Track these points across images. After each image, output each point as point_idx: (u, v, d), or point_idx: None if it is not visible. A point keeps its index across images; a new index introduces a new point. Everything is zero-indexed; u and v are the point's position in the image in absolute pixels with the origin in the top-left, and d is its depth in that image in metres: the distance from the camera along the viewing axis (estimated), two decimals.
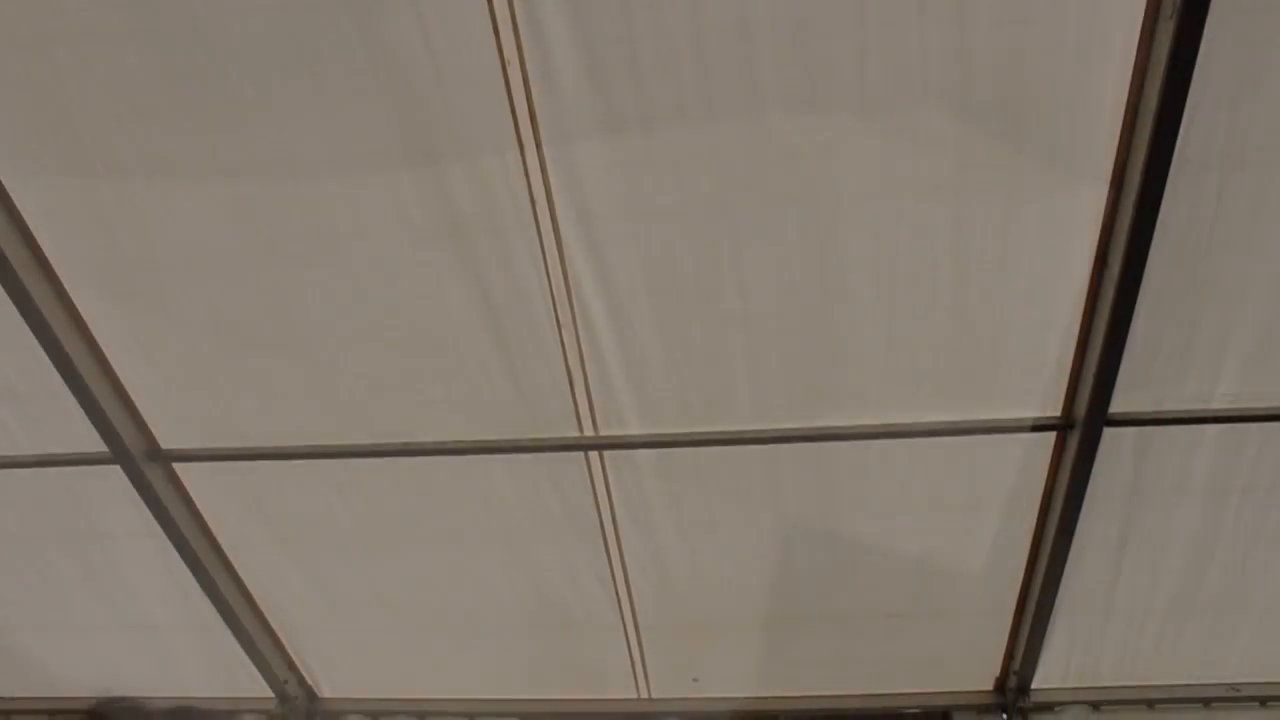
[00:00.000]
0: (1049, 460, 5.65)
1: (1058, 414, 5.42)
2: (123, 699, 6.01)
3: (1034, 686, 6.87)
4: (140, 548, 6.59)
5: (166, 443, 6.02)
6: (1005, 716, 7.00)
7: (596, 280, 5.07)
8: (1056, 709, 6.94)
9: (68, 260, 5.27)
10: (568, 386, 5.44)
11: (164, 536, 6.36)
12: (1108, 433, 5.38)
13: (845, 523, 6.08)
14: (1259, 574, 6.23)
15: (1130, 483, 5.78)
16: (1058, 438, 5.54)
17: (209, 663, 7.33)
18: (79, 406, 5.68)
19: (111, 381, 5.70)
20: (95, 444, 5.91)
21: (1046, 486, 5.77)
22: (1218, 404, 5.36)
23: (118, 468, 6.00)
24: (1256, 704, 6.76)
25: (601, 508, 6.02)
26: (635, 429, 5.59)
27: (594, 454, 5.76)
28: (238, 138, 4.75)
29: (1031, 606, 6.31)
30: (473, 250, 5.02)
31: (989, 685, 7.03)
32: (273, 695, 7.41)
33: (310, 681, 7.51)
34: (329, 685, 7.57)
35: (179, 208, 5.01)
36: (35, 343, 5.41)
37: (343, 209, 4.95)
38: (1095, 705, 6.92)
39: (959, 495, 5.87)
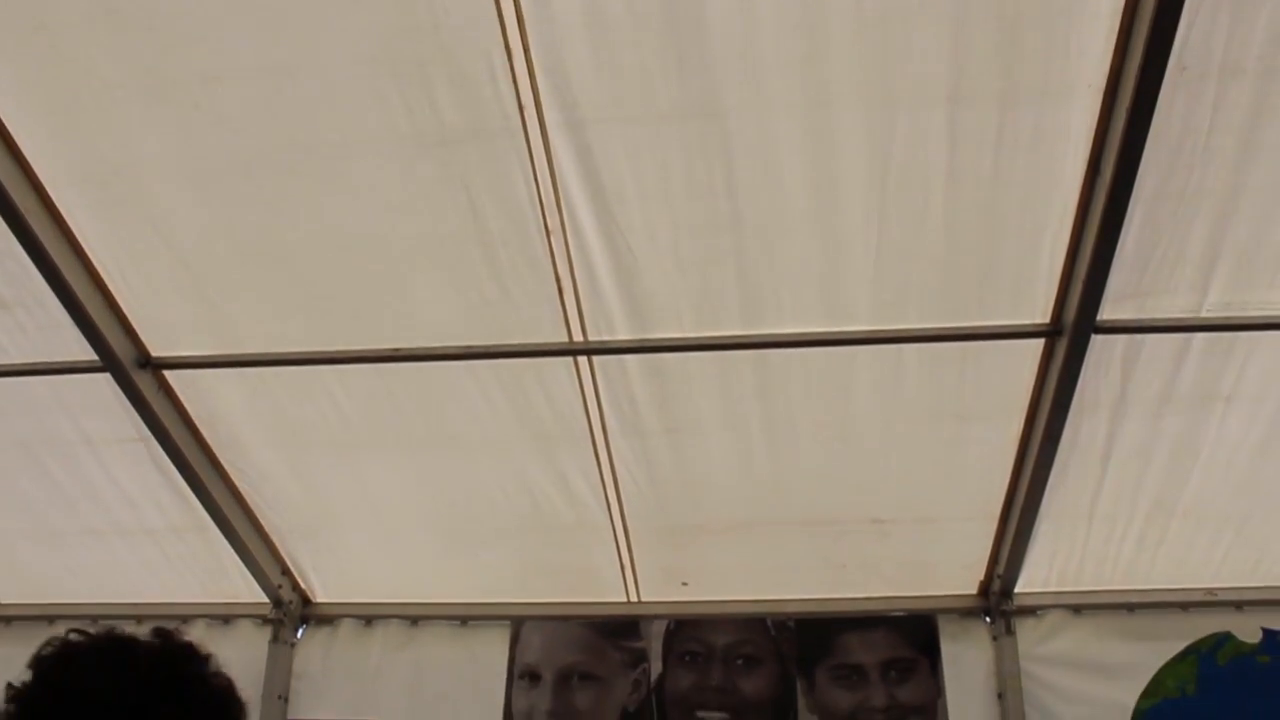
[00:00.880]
0: (1037, 367, 5.67)
1: (1047, 321, 5.42)
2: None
3: (1017, 591, 6.99)
4: (132, 454, 6.61)
5: (156, 350, 5.99)
6: (988, 620, 7.12)
7: (585, 186, 5.01)
8: (1039, 613, 7.06)
9: (52, 169, 5.18)
10: (556, 292, 5.42)
11: (155, 443, 6.36)
12: (1096, 340, 5.37)
13: (834, 429, 6.12)
14: (1240, 483, 6.30)
15: (1117, 391, 5.81)
16: (1045, 345, 5.54)
17: (203, 568, 7.40)
18: (67, 315, 5.63)
19: (100, 289, 5.65)
20: (84, 352, 5.87)
21: (1034, 393, 5.79)
22: (1207, 313, 5.36)
23: (107, 375, 5.97)
24: (1233, 608, 6.87)
25: (590, 413, 6.04)
26: (624, 334, 5.59)
27: (583, 359, 5.76)
28: (218, 45, 4.66)
29: (1016, 513, 6.38)
30: (460, 157, 4.95)
31: (973, 590, 7.14)
32: (267, 600, 7.48)
33: (304, 586, 7.59)
34: (323, 590, 7.66)
35: (160, 116, 4.93)
36: (21, 251, 5.33)
37: (327, 117, 4.89)
38: (1076, 609, 7.05)
39: (947, 402, 5.90)
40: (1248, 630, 6.75)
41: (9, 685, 1.64)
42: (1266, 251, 5.13)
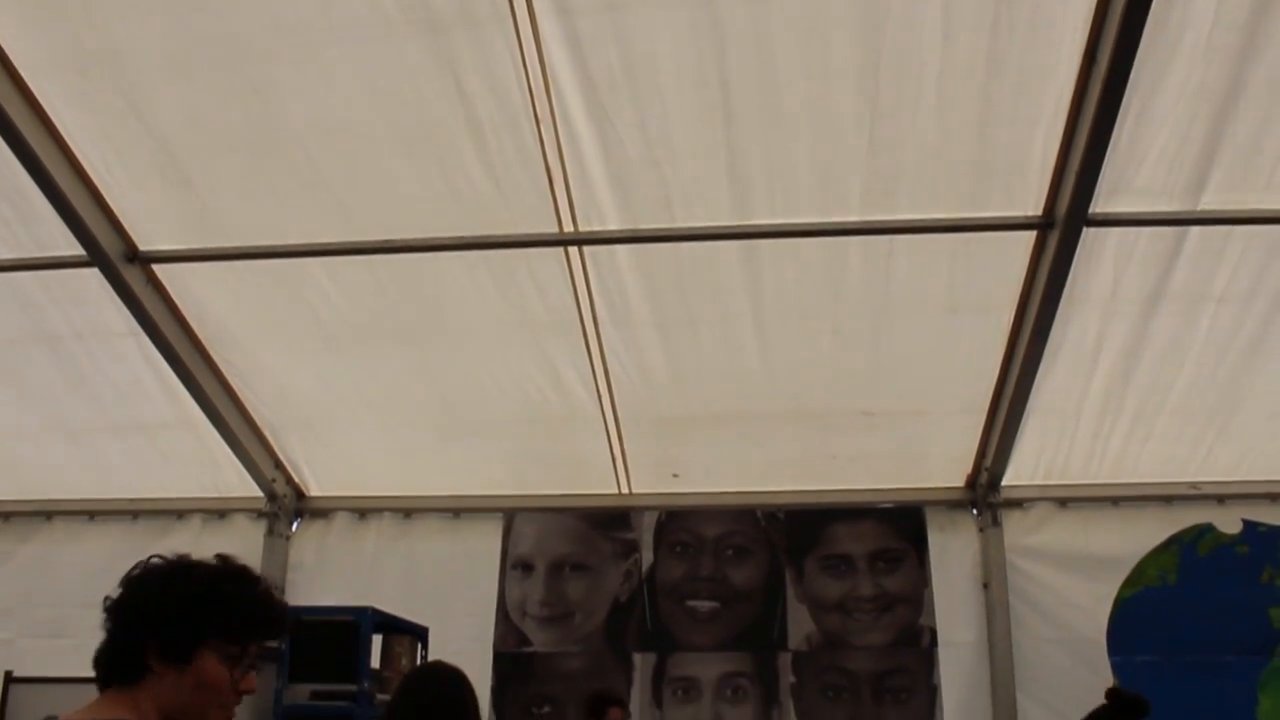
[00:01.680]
0: (1028, 260, 5.67)
1: (1039, 213, 5.40)
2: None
3: (1004, 484, 7.09)
4: (123, 350, 6.60)
5: (144, 244, 5.94)
6: (975, 512, 7.23)
7: (575, 74, 4.94)
8: (1025, 505, 7.18)
9: (31, 58, 5.06)
10: (546, 182, 5.38)
11: (146, 338, 6.35)
12: (1088, 233, 5.36)
13: (823, 320, 6.14)
14: (1228, 381, 6.36)
15: (1109, 287, 5.83)
16: (1037, 237, 5.53)
17: (197, 463, 7.45)
18: (52, 209, 5.55)
19: (85, 184, 5.58)
20: (71, 247, 5.81)
21: (1024, 286, 5.79)
22: (1203, 208, 5.34)
23: (95, 270, 5.93)
24: (1215, 501, 7.00)
25: (582, 304, 6.04)
26: (614, 224, 5.56)
27: (574, 250, 5.75)
28: None
29: (1004, 406, 6.43)
30: (449, 45, 4.87)
31: (960, 482, 7.24)
32: (261, 494, 7.54)
33: (298, 480, 7.66)
34: (316, 484, 7.73)
35: (139, 0, 4.82)
36: (4, 145, 5.24)
37: (313, 2, 4.78)
38: (1062, 502, 7.16)
39: (938, 294, 5.91)
40: (1228, 522, 6.87)
41: (106, 598, 2.02)
42: (1266, 151, 5.09)
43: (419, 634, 6.36)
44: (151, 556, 2.08)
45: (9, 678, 7.35)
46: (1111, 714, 3.19)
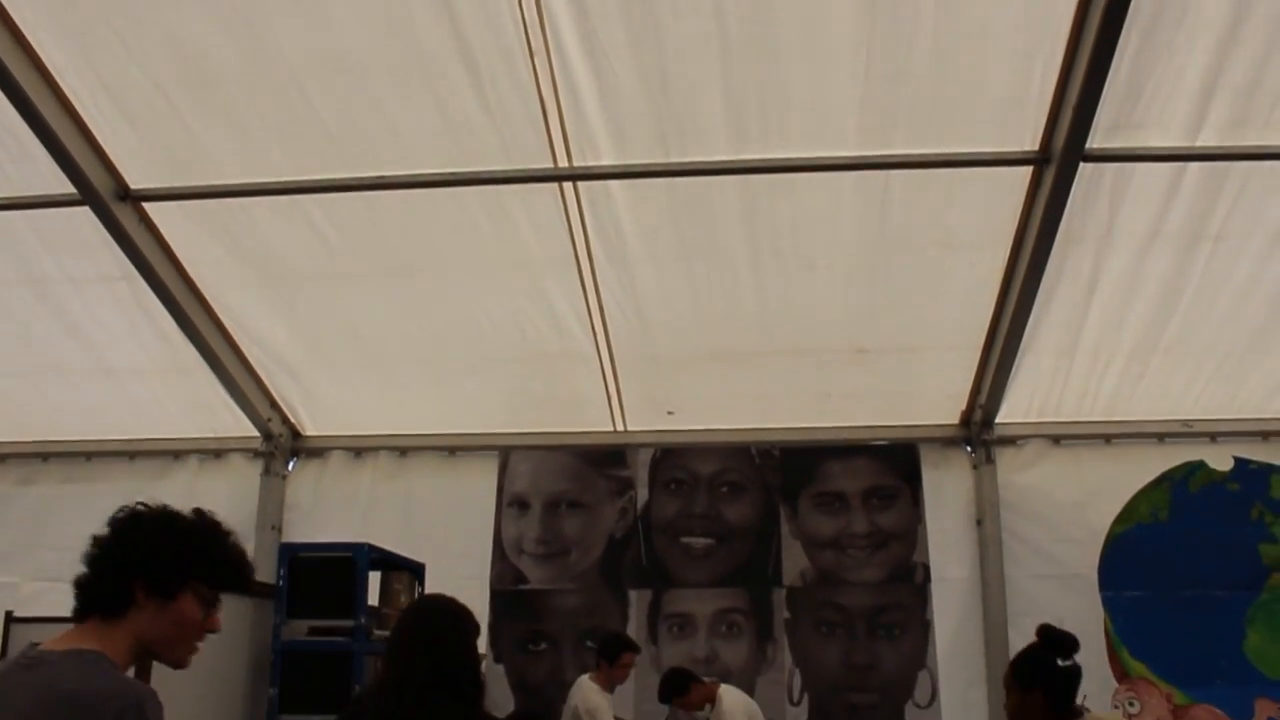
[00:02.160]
0: (1024, 196, 5.64)
1: (1035, 149, 5.37)
2: None
3: (998, 421, 7.13)
4: (116, 292, 6.57)
5: (135, 182, 5.89)
6: (969, 449, 7.27)
7: (569, 6, 4.88)
8: (1018, 442, 7.22)
9: None
10: (541, 117, 5.33)
11: (139, 278, 6.31)
12: (1085, 169, 5.34)
13: (819, 256, 6.12)
14: (1223, 320, 6.38)
15: (1105, 224, 5.82)
16: (1033, 172, 5.51)
17: (192, 404, 7.46)
18: (41, 146, 5.48)
19: (75, 121, 5.51)
20: (61, 185, 5.75)
21: (1020, 223, 5.78)
22: (1202, 144, 5.31)
23: (86, 209, 5.87)
24: (1207, 439, 7.05)
25: (576, 240, 6.01)
26: (609, 160, 5.52)
27: (568, 185, 5.71)
28: None
29: (999, 343, 6.44)
30: None
31: (955, 420, 7.28)
32: (257, 434, 7.55)
33: (294, 420, 7.67)
34: (312, 423, 7.74)
35: None
36: None
37: None
38: (1056, 439, 7.21)
39: (932, 230, 5.90)
40: (1220, 459, 6.89)
41: (94, 537, 2.23)
42: (1267, 88, 5.05)
43: (416, 570, 6.42)
44: (137, 503, 2.28)
45: (9, 618, 7.41)
46: (1041, 651, 3.21)
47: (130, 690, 2.11)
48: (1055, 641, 3.18)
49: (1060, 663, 3.15)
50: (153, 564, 2.20)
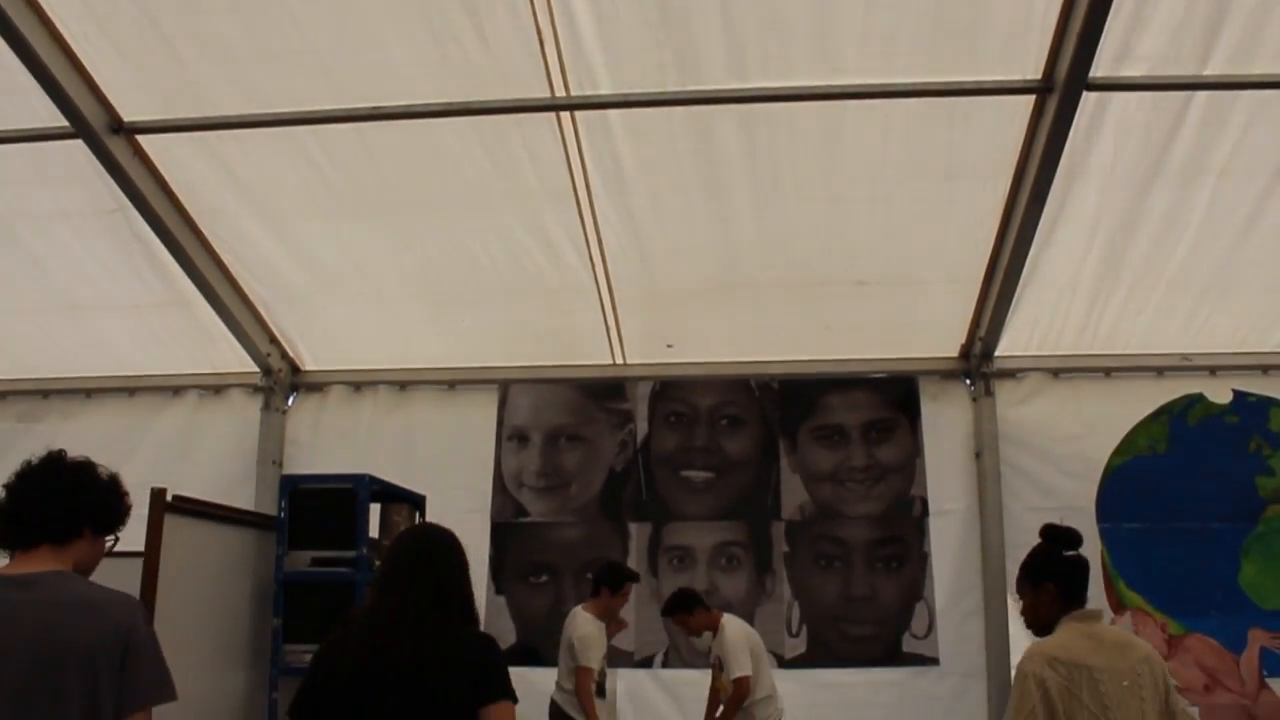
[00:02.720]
0: (1026, 125, 5.58)
1: (1038, 77, 5.30)
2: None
3: (997, 354, 7.11)
4: (112, 226, 6.52)
5: (128, 115, 5.82)
6: (968, 382, 7.27)
7: None
8: (1018, 375, 7.21)
9: None
10: (538, 45, 5.26)
11: (134, 212, 6.26)
12: (1088, 98, 5.27)
13: (819, 187, 6.07)
14: (1225, 255, 6.34)
15: (1109, 157, 5.77)
16: (1036, 101, 5.44)
17: (191, 340, 7.44)
18: (32, 79, 5.41)
19: (65, 53, 5.44)
20: (54, 118, 5.68)
21: (1022, 152, 5.72)
22: (1210, 72, 5.24)
23: (79, 142, 5.80)
24: (1206, 372, 7.04)
25: (574, 171, 5.95)
26: (607, 89, 5.46)
27: (565, 114, 5.65)
28: None
29: (999, 275, 6.40)
30: None
31: (954, 352, 7.26)
32: (257, 369, 7.54)
33: (293, 355, 7.65)
34: (311, 358, 7.72)
35: None
36: None
37: None
38: (1055, 373, 7.20)
39: (934, 160, 5.84)
40: (1219, 392, 6.92)
41: (39, 478, 2.80)
42: (1277, 18, 4.97)
43: (416, 502, 6.44)
44: (61, 450, 2.92)
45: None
46: (1047, 547, 3.29)
47: (124, 594, 2.75)
48: (1060, 536, 3.27)
49: (1066, 554, 3.20)
50: (100, 511, 2.82)
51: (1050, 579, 3.23)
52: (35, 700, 2.50)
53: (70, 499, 2.76)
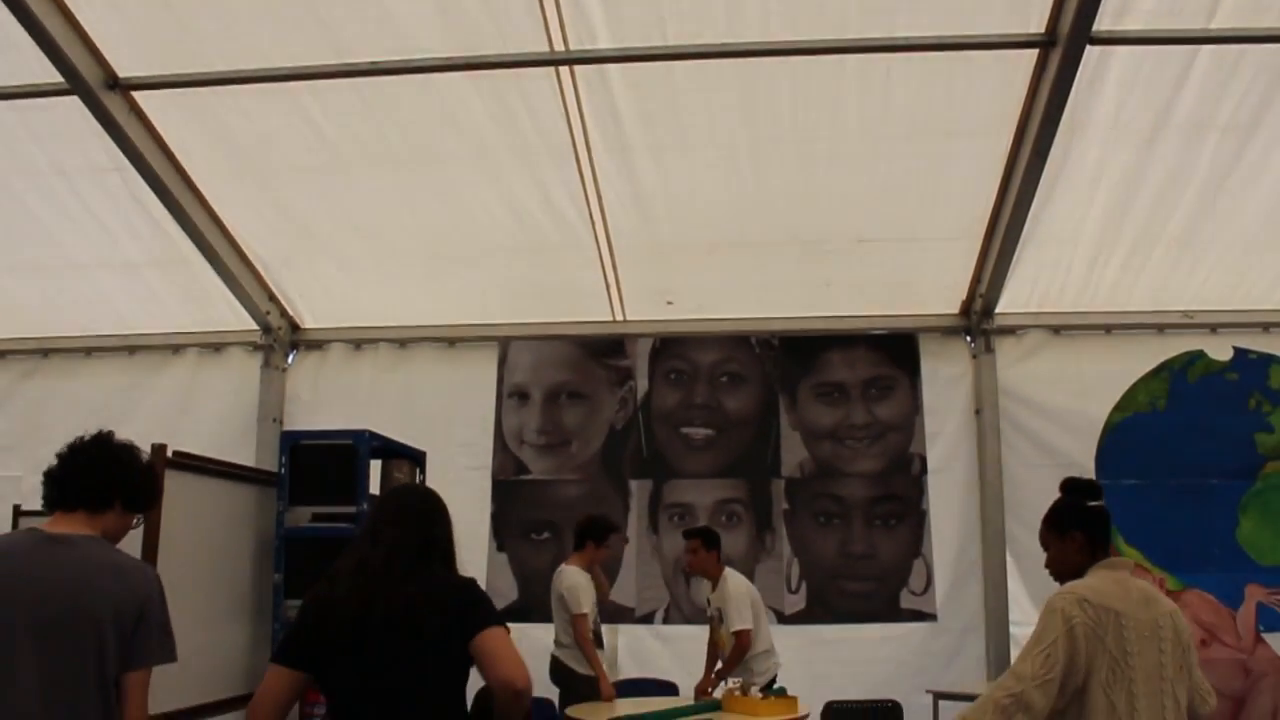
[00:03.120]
0: (1028, 80, 5.54)
1: (1041, 31, 5.25)
2: None
3: (998, 311, 7.11)
4: (108, 185, 6.49)
5: (124, 71, 5.77)
6: (969, 339, 7.26)
7: None
8: (1018, 332, 7.21)
9: None
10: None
11: (131, 170, 6.22)
12: (1091, 53, 5.23)
13: (820, 144, 6.04)
14: (1227, 212, 6.32)
15: (1112, 113, 5.73)
16: (1038, 56, 5.40)
17: (190, 298, 7.43)
18: (25, 34, 5.34)
19: (60, 8, 5.38)
20: (48, 75, 5.62)
21: (1024, 108, 5.68)
22: (1216, 26, 5.19)
23: (75, 99, 5.76)
24: (1207, 330, 7.04)
25: (574, 127, 5.91)
26: (606, 43, 5.41)
27: (564, 69, 5.60)
28: None
29: (1000, 232, 6.38)
30: None
31: (955, 309, 7.26)
32: (256, 327, 7.54)
33: (292, 313, 7.64)
34: (311, 316, 7.72)
35: None
36: None
37: None
38: (1055, 330, 7.20)
39: (935, 115, 5.80)
40: (1219, 349, 6.93)
41: (85, 451, 3.08)
42: None
43: (416, 458, 6.46)
44: (110, 431, 3.14)
45: (16, 511, 7.50)
46: (1071, 498, 3.33)
47: (146, 565, 3.16)
48: (1082, 487, 3.33)
49: (1090, 504, 3.27)
50: (132, 487, 3.10)
51: (1077, 528, 3.26)
52: (60, 644, 2.83)
53: (109, 473, 3.06)
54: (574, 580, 6.18)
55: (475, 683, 2.95)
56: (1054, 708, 2.96)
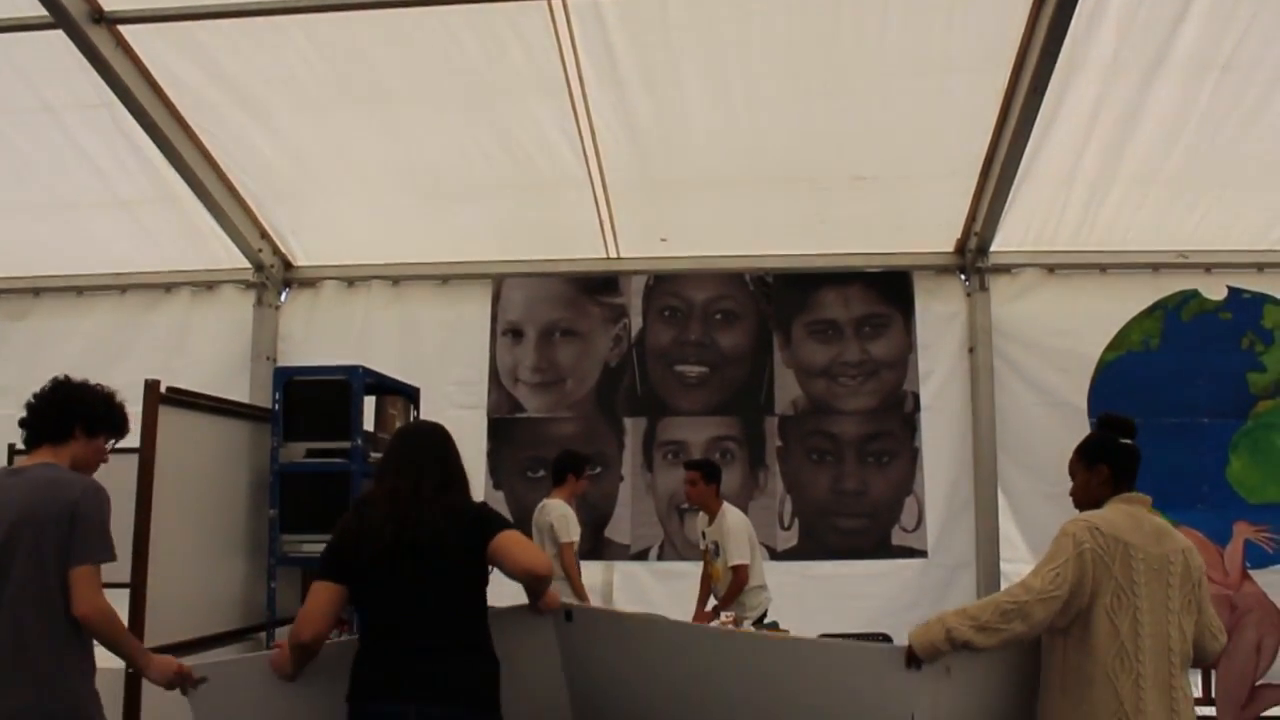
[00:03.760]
0: (1027, 14, 5.47)
1: None
2: None
3: (993, 249, 7.08)
4: (96, 121, 6.41)
5: (109, 4, 5.66)
6: (963, 277, 7.25)
7: None
8: (1013, 271, 7.20)
9: None
10: None
11: (120, 106, 6.13)
12: None
13: (815, 80, 5.99)
14: (1225, 151, 6.28)
15: (1110, 51, 5.67)
16: None
17: (182, 236, 7.38)
18: None
19: None
20: (33, 8, 5.51)
21: (1022, 43, 5.61)
22: None
23: (60, 33, 5.65)
24: (1202, 270, 7.02)
25: (567, 61, 5.84)
26: None
27: (558, 3, 5.52)
28: None
29: (996, 169, 6.35)
30: None
31: (949, 247, 7.23)
32: (248, 265, 7.50)
33: (284, 250, 7.60)
34: (303, 254, 7.68)
35: None
36: None
37: None
38: (1050, 269, 7.19)
39: (932, 51, 5.73)
40: (1214, 288, 6.92)
41: (39, 394, 3.51)
42: None
43: (410, 394, 6.47)
44: (64, 376, 3.57)
45: (11, 450, 7.52)
46: (1104, 432, 3.38)
47: (85, 479, 3.42)
48: (1117, 423, 3.40)
49: (1122, 440, 3.35)
50: (86, 414, 3.49)
51: (1104, 461, 3.34)
52: (13, 555, 3.25)
53: (62, 407, 3.48)
54: (563, 510, 6.29)
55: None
56: (1055, 625, 3.10)
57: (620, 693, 3.69)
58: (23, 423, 3.49)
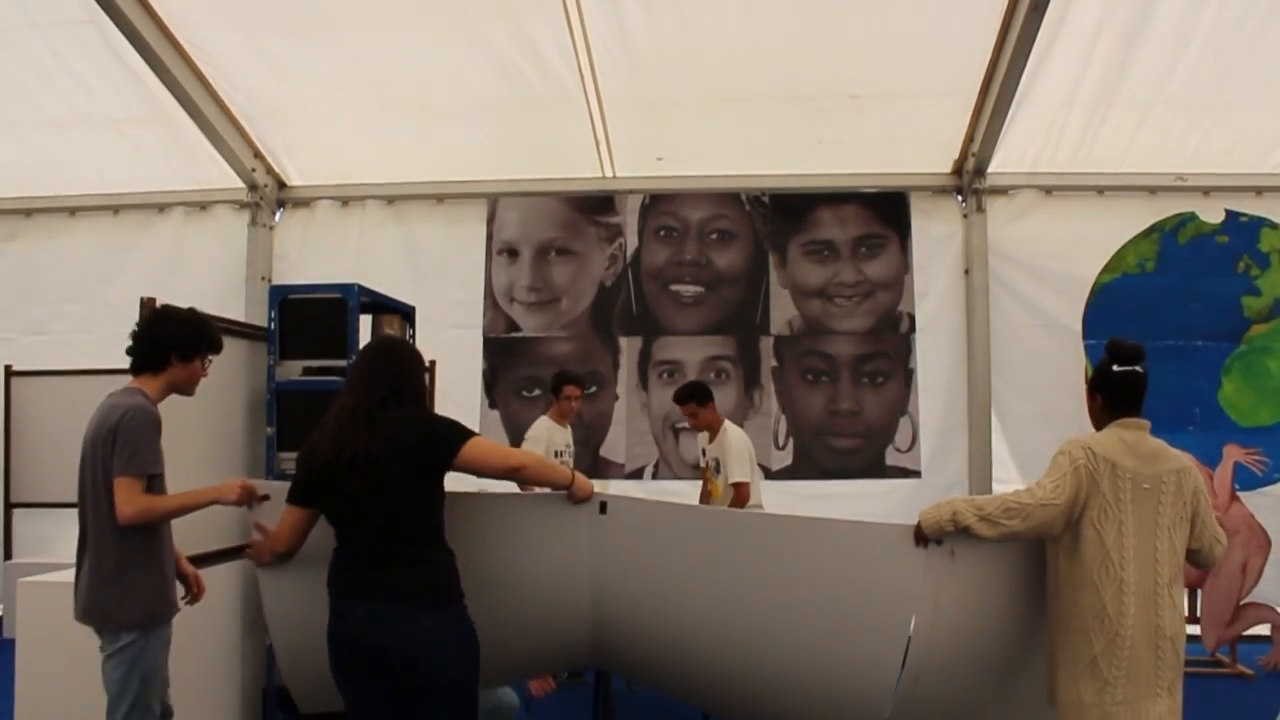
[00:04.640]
0: None
1: None
2: None
3: (990, 170, 7.05)
4: (84, 38, 6.33)
5: None
6: (960, 198, 7.23)
7: None
8: (1010, 192, 7.18)
9: None
10: None
11: (107, 21, 6.04)
12: None
13: None
14: (1229, 72, 6.23)
15: None
16: None
17: (174, 156, 7.34)
18: None
19: None
20: None
21: None
22: None
23: None
24: (1200, 193, 7.00)
25: None
26: None
27: None
28: None
29: (995, 89, 6.30)
30: None
31: (946, 168, 7.21)
32: (242, 185, 7.46)
33: (278, 170, 7.56)
34: (298, 173, 7.64)
35: None
36: None
37: None
38: (1048, 190, 7.17)
39: None
40: (1211, 212, 6.89)
41: (139, 325, 3.83)
42: None
43: (406, 313, 6.45)
44: (153, 300, 4.07)
45: (9, 371, 7.53)
46: (1105, 360, 3.40)
47: (137, 403, 3.70)
48: (1118, 350, 3.41)
49: (1116, 368, 3.36)
50: (181, 340, 3.80)
51: (1099, 391, 3.41)
52: (85, 470, 3.73)
53: (155, 341, 3.80)
54: (534, 432, 6.24)
55: None
56: (1051, 534, 3.25)
57: (644, 582, 3.74)
58: (128, 351, 3.80)
